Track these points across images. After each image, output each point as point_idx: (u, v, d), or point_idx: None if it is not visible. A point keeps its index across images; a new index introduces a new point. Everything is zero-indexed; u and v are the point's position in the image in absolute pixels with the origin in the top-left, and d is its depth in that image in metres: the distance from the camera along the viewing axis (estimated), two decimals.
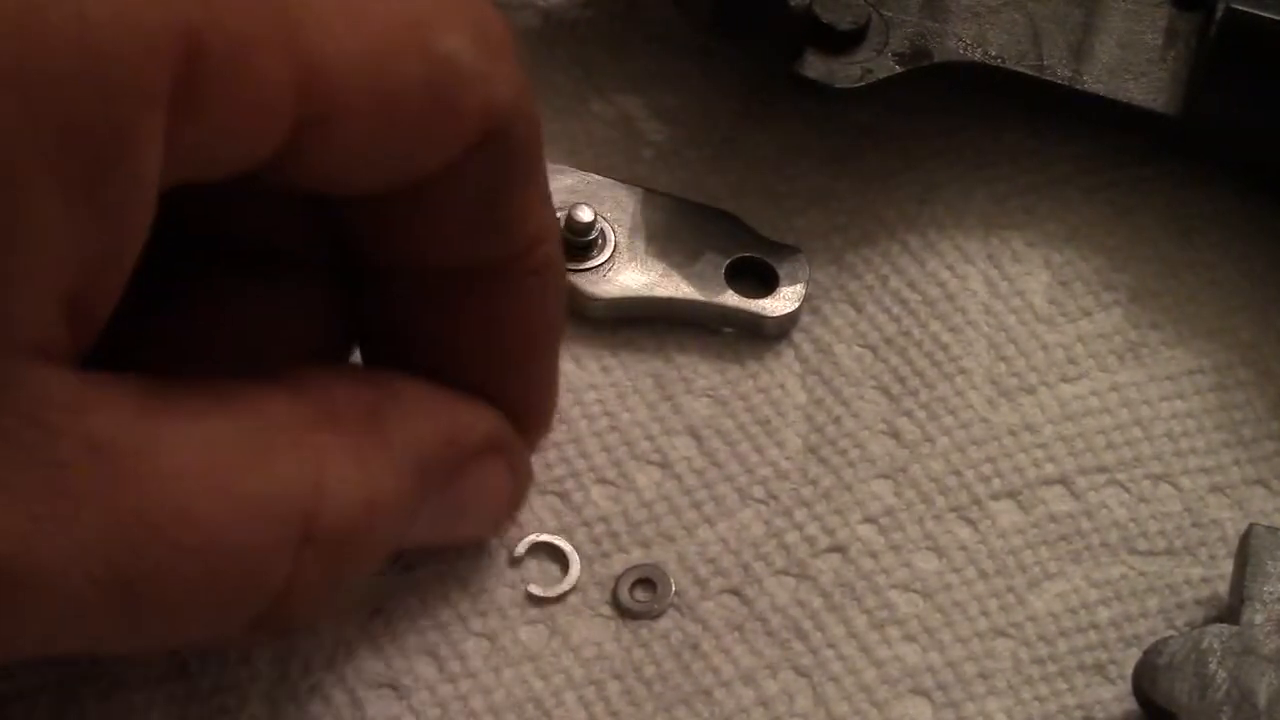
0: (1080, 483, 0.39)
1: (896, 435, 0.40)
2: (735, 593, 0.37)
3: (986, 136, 0.44)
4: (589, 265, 0.40)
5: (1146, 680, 0.34)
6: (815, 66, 0.40)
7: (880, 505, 0.39)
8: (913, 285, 0.42)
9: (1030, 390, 0.40)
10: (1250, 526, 0.36)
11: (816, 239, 0.42)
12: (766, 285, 0.41)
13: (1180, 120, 0.41)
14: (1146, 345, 0.41)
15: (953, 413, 0.40)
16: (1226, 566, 0.38)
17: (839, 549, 0.38)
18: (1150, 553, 0.39)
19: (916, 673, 0.37)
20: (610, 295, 0.40)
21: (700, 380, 0.40)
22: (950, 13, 0.41)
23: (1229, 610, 0.36)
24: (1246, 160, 0.42)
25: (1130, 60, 0.42)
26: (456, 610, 0.37)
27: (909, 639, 0.37)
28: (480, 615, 0.37)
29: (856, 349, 0.41)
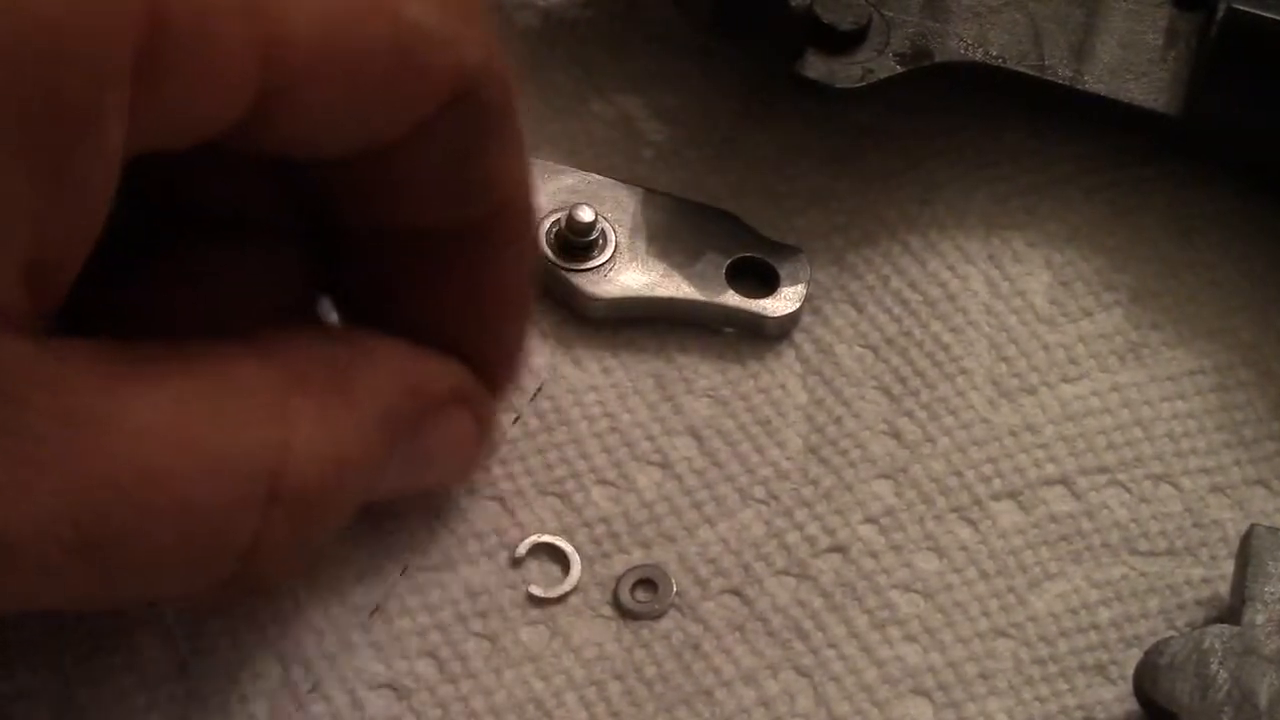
0: (1081, 483, 0.39)
1: (897, 435, 0.40)
2: (736, 593, 0.37)
3: (987, 136, 0.44)
4: (590, 265, 0.40)
5: (1147, 681, 0.34)
6: (816, 66, 0.40)
7: (881, 505, 0.39)
8: (914, 285, 0.41)
9: (1031, 390, 0.40)
10: (1251, 527, 0.36)
11: (817, 239, 0.42)
12: (767, 285, 0.41)
13: (1181, 120, 0.41)
14: (1147, 345, 0.41)
15: (954, 413, 0.40)
16: (1227, 567, 0.38)
17: (840, 549, 0.38)
18: (1151, 553, 0.39)
19: (917, 673, 0.37)
20: (611, 295, 0.40)
21: (701, 380, 0.40)
22: (951, 13, 0.41)
23: (1230, 611, 0.36)
24: (1247, 160, 0.42)
25: (1131, 60, 0.42)
26: (457, 611, 0.37)
27: (910, 639, 0.37)
28: (481, 616, 0.37)
29: (857, 349, 0.41)
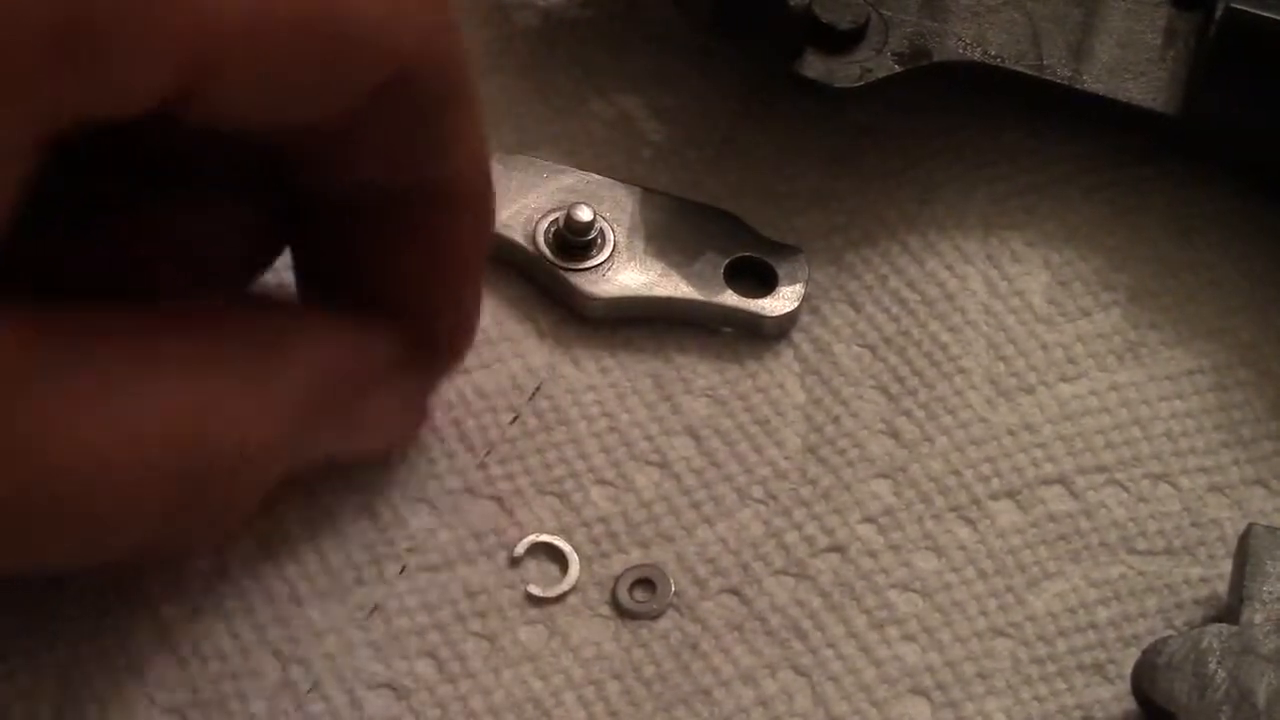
0: (1079, 482, 0.39)
1: (895, 435, 0.40)
2: (734, 592, 0.37)
3: (986, 136, 0.44)
4: (588, 265, 0.40)
5: (1146, 680, 0.34)
6: (815, 66, 0.40)
7: (879, 505, 0.39)
8: (912, 285, 0.42)
9: (1029, 390, 0.40)
10: (1249, 526, 0.36)
11: (816, 239, 0.42)
12: (766, 285, 0.41)
13: (1180, 120, 0.41)
14: (1146, 345, 0.41)
15: (952, 412, 0.40)
16: (1225, 566, 0.38)
17: (838, 549, 0.38)
18: (1149, 552, 0.39)
19: (915, 672, 0.37)
20: (609, 295, 0.40)
21: (699, 380, 0.40)
22: (950, 12, 0.41)
23: (1228, 610, 0.36)
24: (1246, 160, 0.42)
25: (1130, 60, 0.42)
26: (456, 610, 0.37)
27: (908, 639, 0.37)
28: (479, 616, 0.37)
29: (856, 349, 0.41)
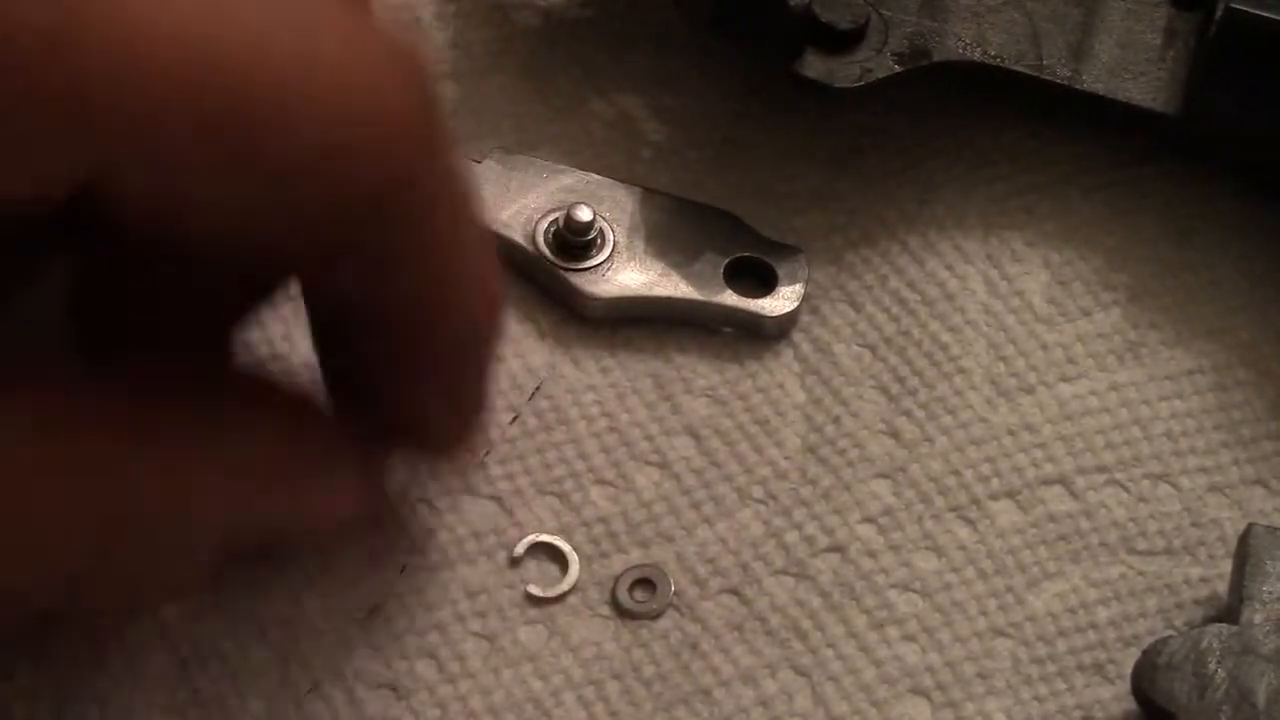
0: (1079, 482, 0.39)
1: (895, 435, 0.40)
2: (734, 592, 0.37)
3: (986, 136, 0.44)
4: (588, 265, 0.40)
5: (1145, 680, 0.34)
6: (815, 66, 0.40)
7: (879, 505, 0.39)
8: (912, 285, 0.42)
9: (1029, 390, 0.40)
10: (1249, 526, 0.36)
11: (816, 239, 0.42)
12: (766, 285, 0.41)
13: (1179, 120, 0.41)
14: (1145, 345, 0.41)
15: (952, 412, 0.40)
16: (1225, 566, 0.38)
17: (838, 549, 0.38)
18: (1149, 552, 0.39)
19: (915, 672, 0.37)
20: (609, 295, 0.40)
21: (699, 380, 0.40)
22: (949, 12, 0.41)
23: (1228, 610, 0.36)
24: (1246, 160, 0.42)
25: (1129, 60, 0.42)
26: (456, 610, 0.37)
27: (908, 639, 0.37)
28: (479, 615, 0.37)
29: (855, 349, 0.41)
